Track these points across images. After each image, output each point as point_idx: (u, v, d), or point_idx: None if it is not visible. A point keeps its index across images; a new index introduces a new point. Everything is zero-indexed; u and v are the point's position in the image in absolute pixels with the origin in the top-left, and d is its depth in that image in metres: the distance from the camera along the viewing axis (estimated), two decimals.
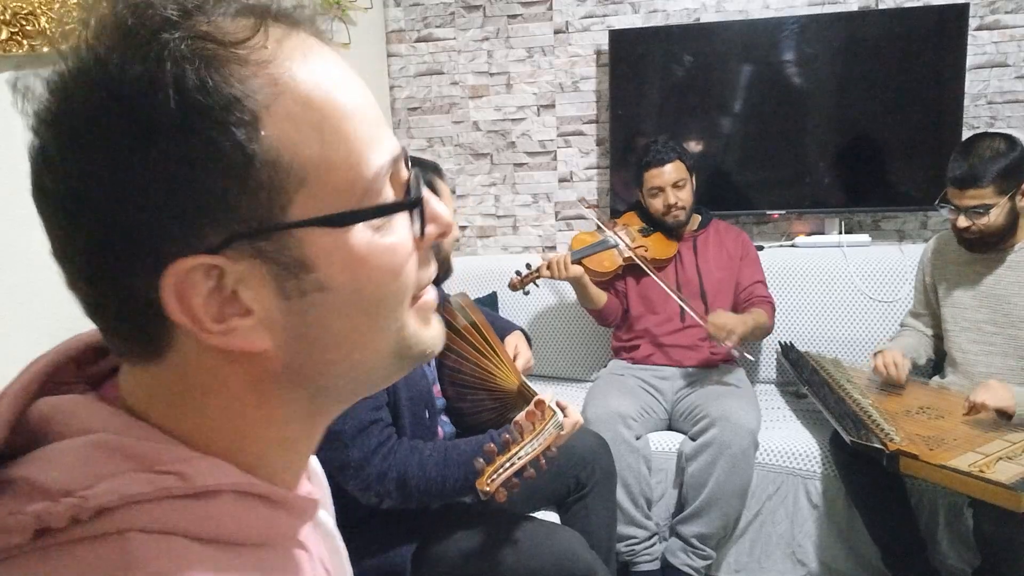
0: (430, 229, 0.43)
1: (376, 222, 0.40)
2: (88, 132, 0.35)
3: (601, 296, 2.29)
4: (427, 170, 1.50)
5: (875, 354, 1.99)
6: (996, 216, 1.74)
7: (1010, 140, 1.75)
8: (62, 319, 0.65)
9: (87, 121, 0.35)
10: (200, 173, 0.35)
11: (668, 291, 2.19)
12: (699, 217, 2.37)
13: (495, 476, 1.15)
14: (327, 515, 0.58)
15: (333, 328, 0.40)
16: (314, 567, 0.49)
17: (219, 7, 0.37)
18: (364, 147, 0.39)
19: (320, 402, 0.44)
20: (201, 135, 0.34)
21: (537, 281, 2.17)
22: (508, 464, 1.17)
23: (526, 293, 2.15)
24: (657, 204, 2.24)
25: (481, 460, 1.17)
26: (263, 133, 0.36)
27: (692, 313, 2.14)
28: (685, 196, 2.23)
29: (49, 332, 0.58)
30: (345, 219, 0.38)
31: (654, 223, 2.32)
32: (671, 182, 2.21)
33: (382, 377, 0.45)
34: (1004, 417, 1.65)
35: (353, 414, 1.31)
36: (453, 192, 1.38)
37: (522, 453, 1.20)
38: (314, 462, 0.56)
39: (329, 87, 0.38)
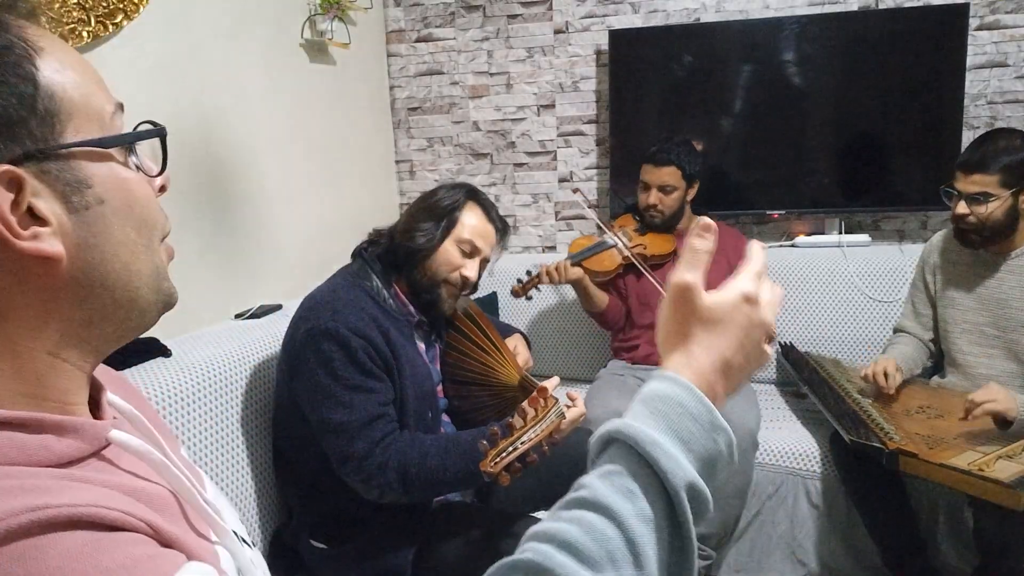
0: (160, 179, 0.57)
1: (130, 159, 0.53)
2: None
3: (603, 298, 2.30)
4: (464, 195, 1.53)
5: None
6: (995, 208, 1.73)
7: None
8: None
9: None
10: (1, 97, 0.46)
11: (663, 291, 2.19)
12: (696, 217, 2.37)
13: (499, 459, 1.14)
14: (133, 439, 0.57)
15: (113, 236, 0.51)
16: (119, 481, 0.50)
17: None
18: (100, 98, 0.52)
19: (93, 327, 0.52)
20: None
21: (539, 286, 2.19)
22: (511, 448, 1.17)
23: (529, 299, 2.18)
24: (642, 198, 2.29)
25: (485, 442, 1.17)
26: (39, 73, 0.48)
27: None
28: (669, 202, 2.26)
29: None
30: (104, 143, 0.51)
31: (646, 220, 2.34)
32: (658, 184, 2.24)
33: (145, 308, 0.55)
34: (1004, 425, 1.63)
35: (362, 407, 1.32)
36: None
37: (525, 438, 1.19)
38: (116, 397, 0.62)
39: (74, 57, 0.51)
